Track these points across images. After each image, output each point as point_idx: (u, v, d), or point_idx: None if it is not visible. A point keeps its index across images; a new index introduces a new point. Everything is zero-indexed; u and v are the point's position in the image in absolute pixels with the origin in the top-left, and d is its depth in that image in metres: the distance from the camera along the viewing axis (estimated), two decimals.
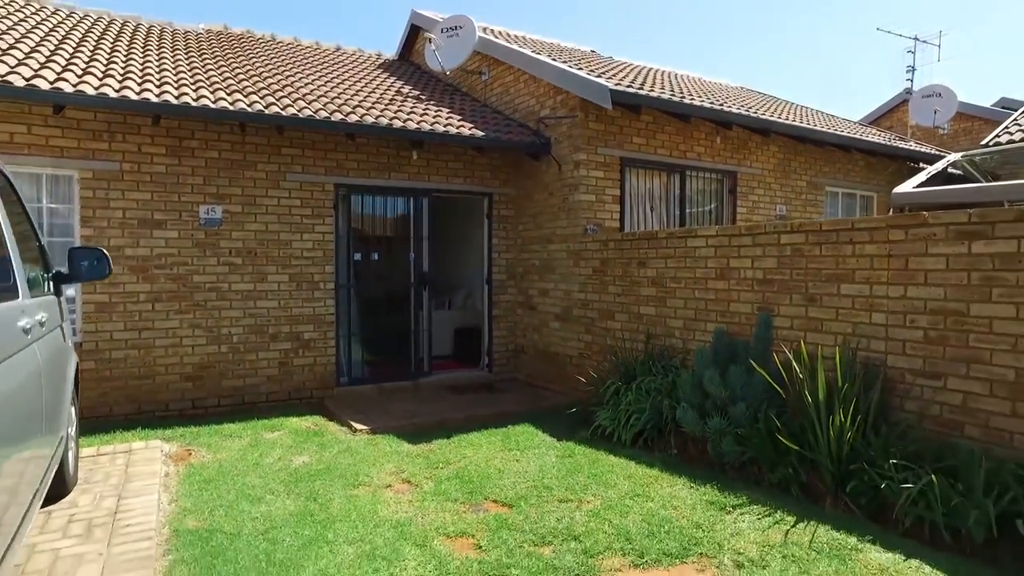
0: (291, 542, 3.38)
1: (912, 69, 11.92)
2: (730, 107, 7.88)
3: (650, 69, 11.28)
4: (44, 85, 5.19)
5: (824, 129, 8.99)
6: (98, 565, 3.03)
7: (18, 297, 2.61)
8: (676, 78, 10.76)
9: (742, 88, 12.77)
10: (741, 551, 3.23)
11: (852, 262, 4.38)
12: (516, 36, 11.09)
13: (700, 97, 8.13)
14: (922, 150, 10.38)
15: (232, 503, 3.93)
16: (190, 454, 4.98)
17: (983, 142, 9.22)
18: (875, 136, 10.19)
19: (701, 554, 3.23)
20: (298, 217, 6.80)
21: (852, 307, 4.37)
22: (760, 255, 5.03)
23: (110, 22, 8.73)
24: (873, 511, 3.60)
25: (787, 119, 8.83)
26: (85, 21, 8.32)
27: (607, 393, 5.64)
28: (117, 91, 5.54)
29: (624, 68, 10.07)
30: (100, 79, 5.74)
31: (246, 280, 6.58)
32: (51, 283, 3.61)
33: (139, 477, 4.27)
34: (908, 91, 12.80)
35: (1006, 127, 9.20)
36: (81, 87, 5.37)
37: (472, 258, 8.75)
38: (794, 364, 4.28)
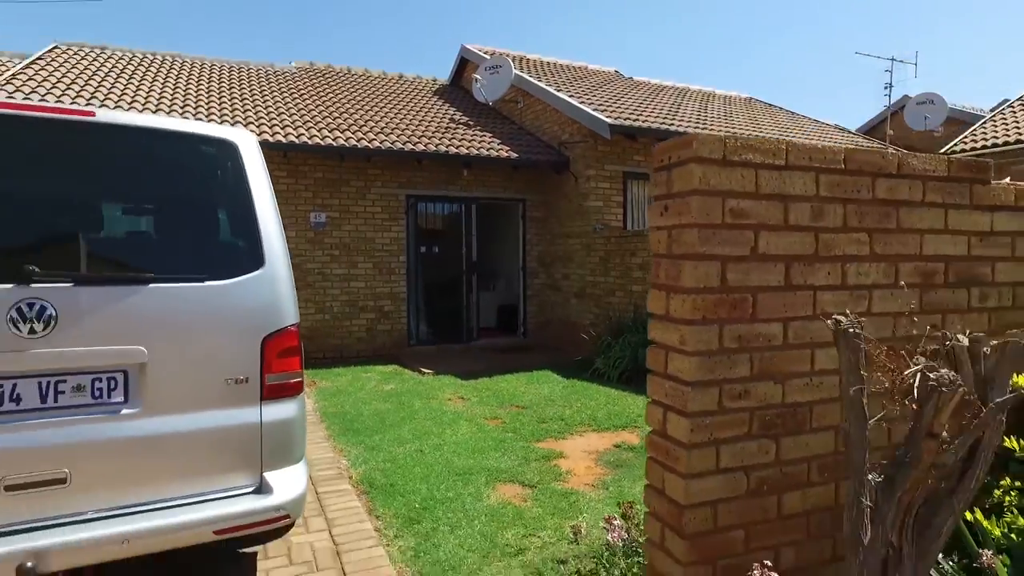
0: (392, 418, 5.69)
1: (890, 86, 13.49)
2: (709, 130, 9.83)
3: (662, 88, 13.24)
4: None
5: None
6: None
7: None
8: (684, 96, 12.69)
9: (749, 99, 14.55)
10: None
11: None
12: (548, 63, 13.22)
13: (689, 119, 10.09)
14: None
15: (352, 404, 6.28)
16: (315, 383, 7.39)
17: (942, 150, 10.88)
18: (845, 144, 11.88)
19: (636, 427, 5.38)
20: (379, 220, 9.16)
21: None
22: None
23: (222, 68, 11.29)
24: None
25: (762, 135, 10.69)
26: (204, 71, 10.86)
27: (603, 346, 7.78)
28: (258, 135, 7.98)
29: (639, 89, 12.09)
30: (244, 125, 8.20)
31: (342, 267, 8.98)
32: None
33: None
34: (887, 104, 14.31)
35: (963, 138, 10.82)
36: None
37: (510, 251, 10.96)
38: None
